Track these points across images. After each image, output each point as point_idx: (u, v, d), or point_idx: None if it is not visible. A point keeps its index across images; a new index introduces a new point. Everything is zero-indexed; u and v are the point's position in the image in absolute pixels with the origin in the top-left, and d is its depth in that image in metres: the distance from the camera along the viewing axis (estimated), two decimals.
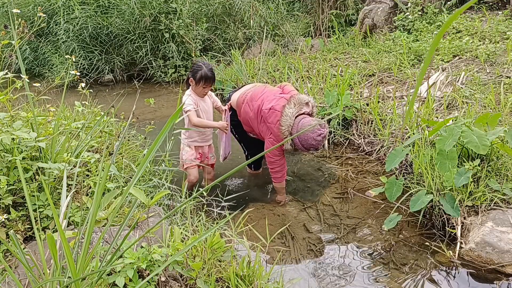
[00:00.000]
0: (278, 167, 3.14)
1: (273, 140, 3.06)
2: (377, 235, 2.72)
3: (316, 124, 2.88)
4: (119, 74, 7.43)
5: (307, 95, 3.24)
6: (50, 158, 2.10)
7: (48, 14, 6.90)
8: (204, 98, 3.25)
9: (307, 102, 3.02)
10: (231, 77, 5.85)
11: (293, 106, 2.94)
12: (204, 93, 3.20)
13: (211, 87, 3.22)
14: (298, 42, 7.01)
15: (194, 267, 1.78)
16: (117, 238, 1.51)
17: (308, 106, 3.03)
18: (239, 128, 3.44)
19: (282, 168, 3.16)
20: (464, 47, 4.96)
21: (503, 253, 2.27)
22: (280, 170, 3.16)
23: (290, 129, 2.92)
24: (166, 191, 1.78)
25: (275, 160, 3.12)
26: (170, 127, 1.21)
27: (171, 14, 6.91)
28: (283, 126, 2.92)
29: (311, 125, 2.84)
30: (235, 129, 3.48)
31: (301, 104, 2.97)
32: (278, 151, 3.10)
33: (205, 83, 3.14)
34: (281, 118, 2.93)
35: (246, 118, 3.24)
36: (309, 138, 2.88)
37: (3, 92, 2.08)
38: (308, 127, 2.83)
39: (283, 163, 3.15)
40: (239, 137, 3.55)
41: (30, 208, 1.56)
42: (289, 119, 2.91)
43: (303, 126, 2.89)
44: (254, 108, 3.13)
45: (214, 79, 3.17)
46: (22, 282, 1.67)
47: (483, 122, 2.80)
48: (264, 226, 2.68)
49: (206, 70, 3.11)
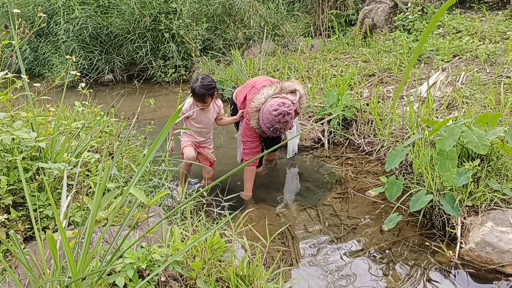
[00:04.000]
0: (248, 149, 3.16)
1: (246, 123, 3.09)
2: (377, 235, 2.72)
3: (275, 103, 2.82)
4: (119, 74, 7.43)
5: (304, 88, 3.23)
6: (50, 158, 2.10)
7: (48, 14, 6.89)
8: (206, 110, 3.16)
9: (292, 91, 3.00)
10: (231, 77, 5.85)
11: (273, 89, 2.94)
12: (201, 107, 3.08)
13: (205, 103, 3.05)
14: (298, 42, 7.01)
15: (194, 267, 1.78)
16: (117, 238, 1.51)
17: (294, 95, 3.01)
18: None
19: (250, 151, 3.15)
20: (464, 47, 4.97)
21: (503, 253, 2.27)
22: (249, 153, 3.16)
23: (256, 109, 2.92)
24: (166, 191, 1.78)
25: (245, 141, 3.15)
26: (170, 127, 1.21)
27: (171, 14, 6.91)
28: (254, 102, 2.92)
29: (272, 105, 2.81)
30: (236, 123, 3.50)
31: (283, 89, 2.96)
32: (249, 132, 3.09)
33: (195, 99, 3.02)
34: (254, 97, 2.96)
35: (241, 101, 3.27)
36: (270, 118, 2.82)
37: (3, 92, 2.08)
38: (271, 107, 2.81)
39: (254, 147, 3.15)
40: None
41: (30, 208, 1.56)
42: (260, 99, 2.90)
43: (267, 106, 2.85)
44: (246, 90, 3.19)
45: (204, 96, 2.98)
46: (22, 282, 1.67)
47: (483, 122, 2.80)
48: (264, 226, 2.68)
49: (199, 85, 2.96)
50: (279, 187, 3.51)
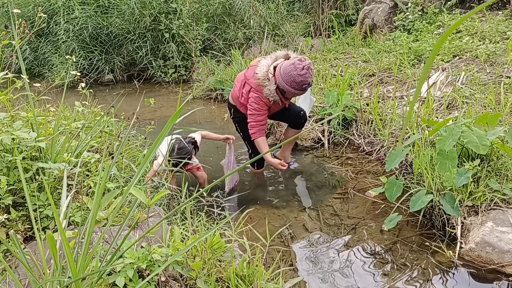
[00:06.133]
0: (254, 122, 3.16)
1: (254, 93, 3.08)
2: (377, 235, 2.72)
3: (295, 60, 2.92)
4: (119, 74, 7.43)
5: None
6: (50, 158, 2.10)
7: (48, 14, 6.90)
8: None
9: (285, 54, 3.09)
10: (231, 77, 5.85)
11: (269, 59, 3.05)
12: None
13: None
14: (298, 42, 7.01)
15: (194, 267, 1.78)
16: (117, 238, 1.51)
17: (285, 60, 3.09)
18: (243, 125, 3.41)
19: (257, 124, 3.16)
20: (464, 47, 4.96)
21: (503, 253, 2.27)
22: (255, 126, 3.17)
23: (267, 76, 2.98)
24: (166, 191, 1.78)
25: (253, 114, 3.14)
26: (170, 127, 1.21)
27: (171, 14, 6.92)
28: (258, 73, 3.00)
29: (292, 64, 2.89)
30: (239, 126, 3.47)
31: (278, 57, 3.07)
32: (258, 105, 3.10)
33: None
34: (256, 69, 3.04)
35: (236, 97, 3.28)
36: (295, 76, 2.90)
37: (3, 92, 2.08)
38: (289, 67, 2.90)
39: (261, 119, 3.16)
40: (243, 134, 3.51)
41: (30, 208, 1.56)
42: (264, 67, 3.00)
43: (285, 69, 2.93)
44: (240, 79, 3.23)
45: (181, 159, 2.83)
46: (22, 282, 1.67)
47: (483, 122, 2.80)
48: (264, 226, 2.68)
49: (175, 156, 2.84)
50: (279, 187, 3.51)
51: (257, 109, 3.11)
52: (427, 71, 0.67)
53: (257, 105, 3.10)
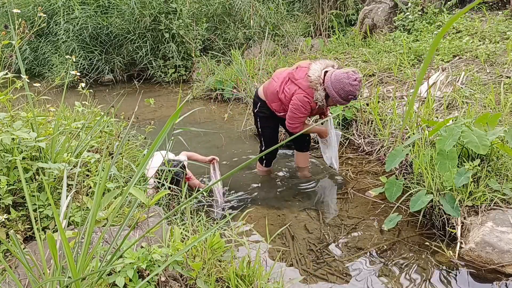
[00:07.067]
0: (296, 118, 3.16)
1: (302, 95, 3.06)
2: (377, 235, 2.72)
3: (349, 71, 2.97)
4: (119, 74, 7.43)
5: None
6: (50, 158, 2.10)
7: (48, 14, 6.90)
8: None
9: (333, 65, 3.14)
10: (231, 77, 5.85)
11: (319, 64, 3.09)
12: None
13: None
14: (298, 42, 7.01)
15: (194, 267, 1.78)
16: (117, 238, 1.51)
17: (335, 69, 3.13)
18: (265, 122, 3.40)
19: (297, 122, 3.18)
20: (464, 47, 4.96)
21: (503, 253, 2.27)
22: (295, 122, 3.19)
23: (319, 80, 3.00)
24: (166, 191, 1.78)
25: (295, 116, 3.14)
26: (170, 127, 1.21)
27: (171, 14, 6.91)
28: (311, 76, 3.01)
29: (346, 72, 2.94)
30: (261, 121, 3.43)
31: (327, 64, 3.11)
32: (304, 109, 3.09)
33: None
34: (308, 71, 3.04)
35: (274, 92, 3.22)
36: (345, 85, 2.93)
37: (3, 92, 2.08)
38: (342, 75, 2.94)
39: (301, 118, 3.16)
40: (261, 131, 3.48)
41: (30, 208, 1.56)
42: (317, 72, 3.02)
43: (337, 75, 2.97)
44: (281, 76, 3.20)
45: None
46: (22, 282, 1.67)
47: (483, 122, 2.80)
48: (264, 226, 2.68)
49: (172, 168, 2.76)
50: (279, 187, 3.51)
51: (301, 111, 3.10)
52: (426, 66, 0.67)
53: (302, 107, 3.08)
